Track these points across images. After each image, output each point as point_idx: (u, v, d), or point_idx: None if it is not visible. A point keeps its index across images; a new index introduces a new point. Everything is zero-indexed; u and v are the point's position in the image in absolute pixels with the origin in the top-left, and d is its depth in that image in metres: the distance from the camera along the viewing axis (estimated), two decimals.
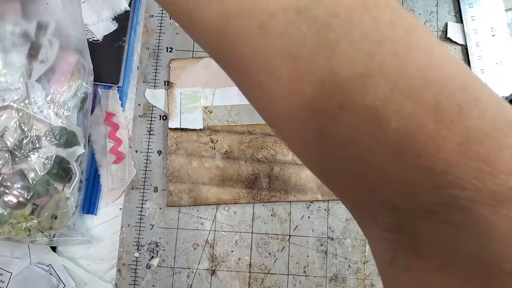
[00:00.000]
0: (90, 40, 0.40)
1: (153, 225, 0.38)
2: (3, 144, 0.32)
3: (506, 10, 0.42)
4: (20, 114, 0.33)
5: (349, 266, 0.38)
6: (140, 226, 0.38)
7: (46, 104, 0.34)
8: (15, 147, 0.32)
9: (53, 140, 0.34)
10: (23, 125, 0.33)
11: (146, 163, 0.39)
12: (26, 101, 0.33)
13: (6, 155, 0.32)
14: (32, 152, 0.33)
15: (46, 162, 0.33)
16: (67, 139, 0.34)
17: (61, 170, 0.34)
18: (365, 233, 0.16)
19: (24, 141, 0.33)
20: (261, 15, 0.14)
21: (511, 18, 0.42)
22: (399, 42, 0.13)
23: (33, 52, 0.33)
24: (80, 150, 0.35)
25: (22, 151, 0.33)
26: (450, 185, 0.12)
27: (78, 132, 0.35)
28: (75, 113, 0.36)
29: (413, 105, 0.12)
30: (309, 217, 0.39)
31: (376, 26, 0.13)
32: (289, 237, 0.39)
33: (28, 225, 0.32)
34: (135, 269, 0.38)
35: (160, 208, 0.39)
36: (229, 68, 0.16)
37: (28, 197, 0.32)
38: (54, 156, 0.33)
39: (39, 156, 0.33)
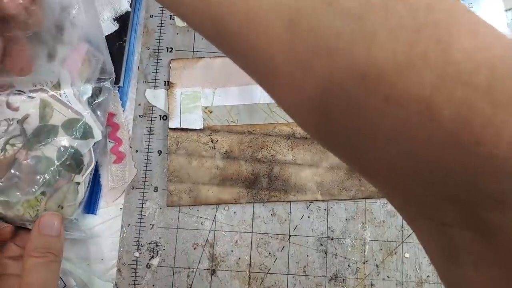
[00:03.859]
0: None
1: (153, 225, 0.39)
2: (22, 130, 0.33)
3: (506, 10, 0.42)
4: (43, 102, 0.34)
5: (348, 266, 0.38)
6: (140, 226, 0.39)
7: (72, 92, 0.35)
8: (32, 135, 0.33)
9: (69, 131, 0.34)
10: (43, 113, 0.34)
11: (146, 163, 0.39)
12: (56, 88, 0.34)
13: (23, 141, 0.33)
14: (48, 141, 0.34)
15: (60, 152, 0.34)
16: (82, 131, 0.35)
17: (73, 161, 0.34)
18: (415, 229, 0.15)
19: (42, 130, 0.34)
20: (290, 11, 0.13)
21: (511, 18, 0.42)
22: (440, 26, 0.12)
23: (59, 35, 0.33)
24: (93, 142, 0.36)
25: (39, 139, 0.33)
26: None
27: (92, 123, 0.36)
28: (87, 103, 0.36)
29: (464, 91, 0.11)
30: (309, 217, 0.39)
31: (413, 14, 0.12)
32: (289, 237, 0.39)
33: (34, 211, 0.33)
34: (135, 269, 0.38)
35: (160, 208, 0.39)
36: (254, 69, 0.15)
37: (38, 185, 0.33)
38: (69, 147, 0.34)
39: (54, 145, 0.34)
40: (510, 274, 0.12)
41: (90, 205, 0.39)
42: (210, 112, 0.40)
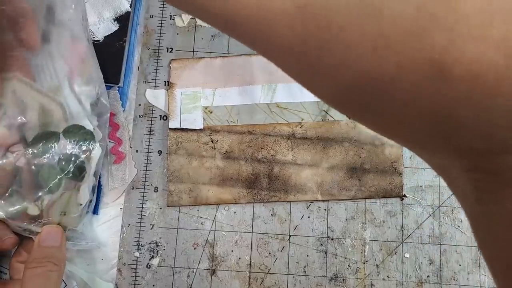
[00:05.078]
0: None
1: (153, 225, 0.39)
2: (21, 138, 0.33)
3: None
4: (42, 108, 0.33)
5: (349, 266, 0.38)
6: (140, 226, 0.39)
7: (73, 95, 0.34)
8: (32, 141, 0.33)
9: (70, 137, 0.34)
10: (44, 119, 0.33)
11: (147, 163, 0.40)
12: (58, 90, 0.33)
13: (23, 149, 0.33)
14: (49, 147, 0.33)
15: (61, 159, 0.33)
16: (84, 137, 0.34)
17: (75, 169, 0.34)
18: (444, 178, 0.16)
19: (43, 136, 0.33)
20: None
21: None
22: None
23: (50, 16, 0.32)
24: (95, 149, 0.35)
25: (39, 147, 0.33)
26: None
27: (92, 129, 0.35)
28: (88, 108, 0.36)
29: (476, 47, 0.11)
30: (309, 217, 0.39)
31: None
32: (289, 237, 0.39)
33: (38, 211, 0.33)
34: (135, 269, 0.38)
35: (161, 208, 0.39)
36: (271, 55, 0.16)
37: (41, 193, 0.33)
38: (69, 153, 0.34)
39: (55, 152, 0.33)
40: None
41: (93, 203, 0.39)
42: (210, 112, 0.40)
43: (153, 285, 0.38)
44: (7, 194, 0.32)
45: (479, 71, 0.11)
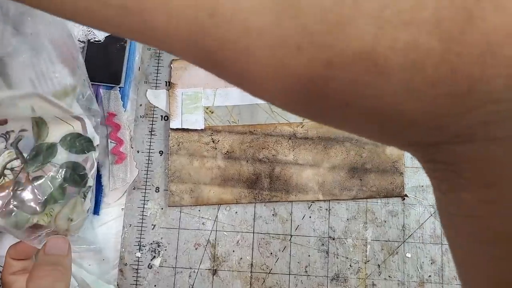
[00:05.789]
0: (91, 40, 0.40)
1: (154, 225, 0.39)
2: (18, 151, 0.33)
3: None
4: (35, 121, 0.33)
5: (350, 265, 0.38)
6: (141, 226, 0.39)
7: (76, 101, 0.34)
8: (31, 153, 0.33)
9: (68, 147, 0.34)
10: (38, 132, 0.33)
11: (148, 163, 0.40)
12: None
13: (23, 162, 0.32)
14: (48, 159, 0.33)
15: (61, 168, 0.33)
16: (82, 145, 0.34)
17: (77, 176, 0.34)
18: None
19: (40, 149, 0.33)
20: (206, 2, 0.12)
21: None
22: None
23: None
24: (95, 155, 0.35)
25: (39, 159, 0.33)
26: (482, 102, 0.10)
27: (92, 134, 0.35)
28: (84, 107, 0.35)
29: (408, 32, 0.10)
30: (310, 217, 0.39)
31: None
32: (291, 237, 0.39)
33: (47, 220, 0.33)
34: (137, 269, 0.38)
35: (162, 208, 0.39)
36: (201, 63, 0.14)
37: (45, 203, 0.32)
38: (70, 162, 0.34)
39: (55, 163, 0.33)
40: (480, 194, 0.12)
41: (92, 206, 0.39)
42: (211, 112, 0.40)
43: (155, 286, 0.38)
44: (4, 208, 0.32)
45: (415, 59, 0.10)
